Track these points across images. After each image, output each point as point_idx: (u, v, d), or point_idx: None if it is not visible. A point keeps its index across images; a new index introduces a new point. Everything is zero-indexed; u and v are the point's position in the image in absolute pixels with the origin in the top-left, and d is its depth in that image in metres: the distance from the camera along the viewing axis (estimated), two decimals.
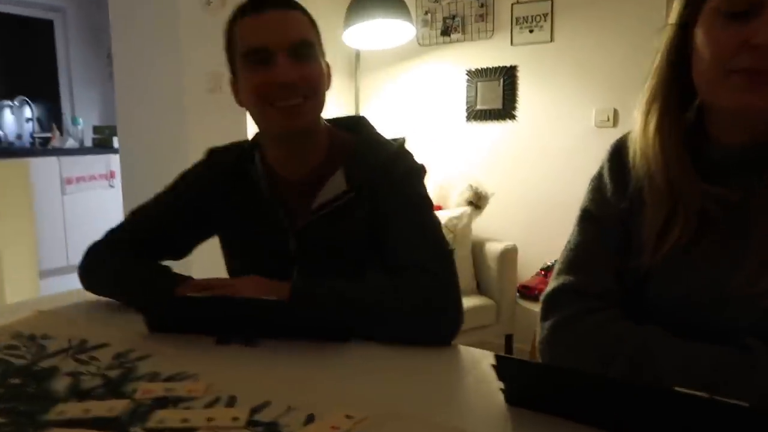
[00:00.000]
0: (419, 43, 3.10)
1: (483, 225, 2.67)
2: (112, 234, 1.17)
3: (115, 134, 4.66)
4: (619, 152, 0.87)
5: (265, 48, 0.98)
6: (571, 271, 0.83)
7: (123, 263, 1.10)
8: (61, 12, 5.05)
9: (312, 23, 1.06)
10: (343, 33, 2.78)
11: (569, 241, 0.87)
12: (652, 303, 0.79)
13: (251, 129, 2.75)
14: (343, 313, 0.91)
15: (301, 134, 1.06)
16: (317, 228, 1.07)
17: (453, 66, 3.07)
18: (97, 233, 1.17)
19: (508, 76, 2.92)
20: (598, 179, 0.89)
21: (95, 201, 4.33)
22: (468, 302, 2.28)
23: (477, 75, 3.00)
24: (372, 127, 1.15)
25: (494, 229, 2.73)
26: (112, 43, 3.10)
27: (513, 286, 2.49)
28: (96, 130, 4.85)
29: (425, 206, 1.06)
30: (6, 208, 1.98)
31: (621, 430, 0.59)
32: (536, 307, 0.87)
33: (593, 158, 0.92)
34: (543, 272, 2.55)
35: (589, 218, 0.87)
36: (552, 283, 0.84)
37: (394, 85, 3.24)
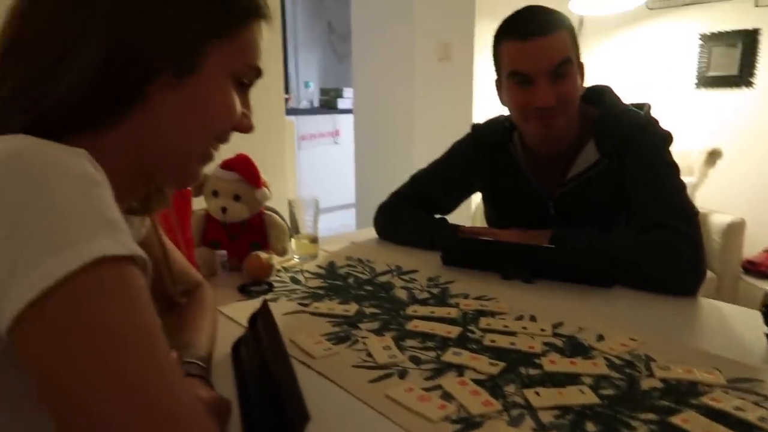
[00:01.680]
0: (648, 7, 3.02)
1: (710, 196, 2.60)
2: (398, 195, 1.47)
3: (338, 96, 5.24)
4: None
5: (527, 73, 1.14)
6: None
7: (412, 215, 1.40)
8: None
9: (571, 35, 1.16)
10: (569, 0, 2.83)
11: None
12: None
13: (477, 99, 2.97)
14: (595, 260, 1.09)
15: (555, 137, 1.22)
16: (572, 195, 1.25)
17: (685, 30, 2.95)
18: (326, 183, 1.48)
19: (747, 40, 2.74)
20: None
21: (322, 156, 4.95)
22: None
23: (711, 39, 2.86)
24: (617, 97, 1.27)
25: (721, 201, 2.65)
26: (352, 14, 3.50)
27: (737, 261, 2.42)
28: (323, 92, 5.47)
29: (672, 171, 1.16)
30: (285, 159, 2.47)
31: None
32: (762, 284, 0.95)
33: None
34: None
35: None
36: None
37: (617, 51, 3.21)
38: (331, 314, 0.93)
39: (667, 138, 1.19)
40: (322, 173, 4.81)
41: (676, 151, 1.18)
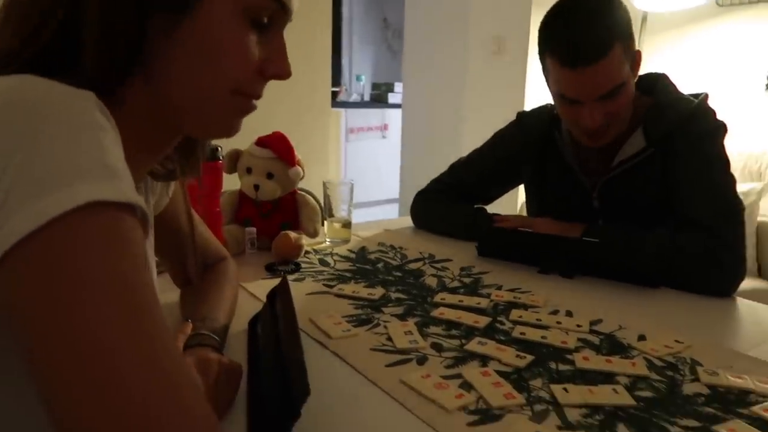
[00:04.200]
0: (718, 4, 2.85)
1: None
2: (437, 183, 1.42)
3: (390, 90, 5.21)
4: None
5: (574, 98, 1.06)
6: None
7: (450, 204, 1.35)
8: None
9: (624, 43, 1.03)
10: None
11: None
12: None
13: (529, 94, 2.87)
14: (627, 257, 1.02)
15: None
16: (617, 185, 1.17)
17: (757, 29, 2.76)
18: (371, 177, 1.44)
19: None
20: None
21: (370, 149, 4.93)
22: (746, 284, 2.14)
23: None
24: (672, 85, 1.18)
25: None
26: (405, 8, 3.47)
27: None
28: (374, 86, 5.46)
29: (720, 164, 1.08)
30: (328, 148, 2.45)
31: None
32: None
33: None
34: None
35: None
36: None
37: (683, 49, 3.04)
38: (356, 297, 0.90)
39: (720, 128, 1.10)
40: (369, 167, 4.79)
41: (744, 154, 1.10)
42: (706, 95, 1.14)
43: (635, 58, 1.09)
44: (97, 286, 0.36)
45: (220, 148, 1.01)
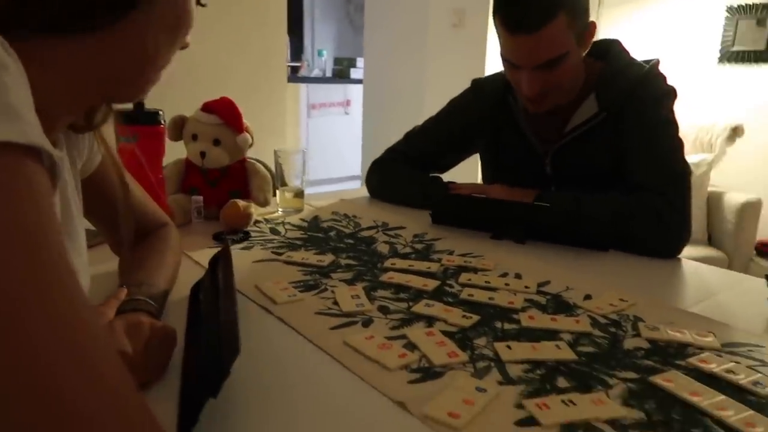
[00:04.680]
0: None
1: (727, 174, 2.50)
2: (392, 152, 1.40)
3: (352, 65, 5.14)
4: None
5: (514, 62, 1.07)
6: None
7: (405, 172, 1.34)
8: None
9: (570, 14, 1.02)
10: None
11: None
12: None
13: (489, 65, 2.87)
14: (577, 222, 1.04)
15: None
16: (569, 151, 1.17)
17: (711, 2, 2.81)
18: (333, 153, 1.42)
19: None
20: None
21: (332, 125, 4.87)
22: (696, 252, 2.21)
23: (739, 12, 2.72)
24: (624, 51, 1.19)
25: (739, 180, 2.54)
26: None
27: (750, 242, 2.33)
28: (336, 61, 5.38)
29: (668, 129, 1.09)
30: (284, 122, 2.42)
31: None
32: None
33: None
34: None
35: None
36: None
37: (640, 22, 3.08)
38: (304, 263, 0.88)
39: (669, 93, 1.11)
40: (331, 143, 4.73)
41: (696, 126, 1.12)
42: (657, 61, 1.15)
43: (586, 30, 1.08)
44: None
45: (161, 113, 0.97)
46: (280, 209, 1.21)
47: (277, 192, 1.21)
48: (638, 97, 1.10)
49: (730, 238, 2.27)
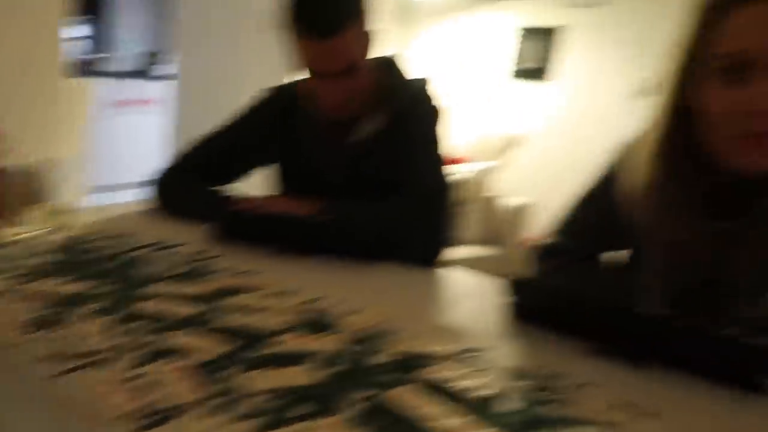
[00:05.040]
0: None
1: (509, 180, 2.80)
2: (177, 163, 1.33)
3: (157, 62, 4.81)
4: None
5: (312, 69, 1.11)
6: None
7: (187, 187, 1.27)
8: None
9: (360, 33, 1.09)
10: None
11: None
12: None
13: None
14: (343, 233, 1.08)
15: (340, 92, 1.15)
16: (361, 162, 1.21)
17: (508, 23, 3.16)
18: (134, 155, 1.33)
19: (554, 37, 3.01)
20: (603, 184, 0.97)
21: (135, 124, 4.49)
22: (475, 252, 2.43)
23: (529, 33, 3.10)
24: (398, 69, 1.25)
25: (521, 186, 2.86)
26: None
27: (519, 239, 2.63)
28: (140, 56, 5.00)
29: (431, 146, 1.20)
30: (62, 124, 2.15)
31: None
32: None
33: (632, 128, 0.94)
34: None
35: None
36: None
37: (440, 37, 3.33)
38: (44, 295, 0.78)
39: (434, 113, 1.21)
40: (132, 144, 4.35)
41: (485, 136, 1.24)
42: (425, 80, 1.23)
43: (370, 40, 1.13)
44: None
45: None
46: (36, 229, 1.07)
47: (36, 209, 1.07)
48: (410, 115, 1.18)
49: (507, 238, 2.54)
